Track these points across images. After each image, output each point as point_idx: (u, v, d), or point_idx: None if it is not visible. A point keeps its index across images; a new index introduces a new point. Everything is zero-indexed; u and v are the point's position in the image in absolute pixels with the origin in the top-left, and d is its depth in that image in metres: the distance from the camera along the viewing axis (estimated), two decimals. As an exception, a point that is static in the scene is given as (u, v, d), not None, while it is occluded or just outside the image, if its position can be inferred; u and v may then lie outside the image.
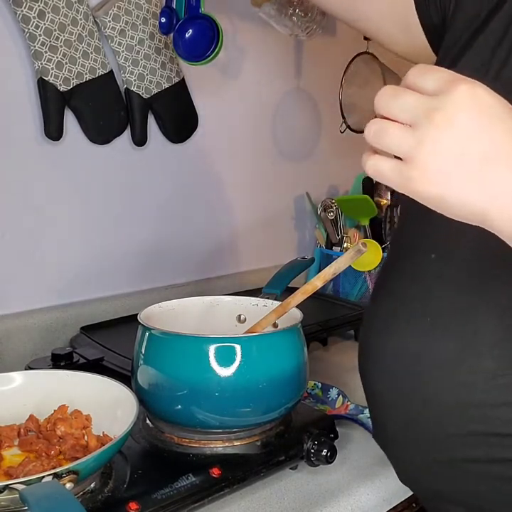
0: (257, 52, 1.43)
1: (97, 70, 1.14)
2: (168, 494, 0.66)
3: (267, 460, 0.75)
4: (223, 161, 1.42)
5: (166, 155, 1.31)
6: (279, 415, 0.77)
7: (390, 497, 0.79)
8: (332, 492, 0.75)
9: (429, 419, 0.66)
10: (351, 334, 1.27)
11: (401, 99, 0.48)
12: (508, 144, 0.46)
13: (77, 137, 1.16)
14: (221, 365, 0.72)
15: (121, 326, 1.16)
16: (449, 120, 0.46)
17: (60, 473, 0.57)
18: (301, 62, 1.54)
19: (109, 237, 1.24)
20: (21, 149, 1.10)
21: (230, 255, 1.45)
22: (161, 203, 1.32)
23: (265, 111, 1.49)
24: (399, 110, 0.48)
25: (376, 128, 0.49)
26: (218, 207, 1.40)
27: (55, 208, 1.16)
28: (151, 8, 1.19)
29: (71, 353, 0.97)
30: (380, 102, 0.50)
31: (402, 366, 0.67)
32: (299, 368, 0.78)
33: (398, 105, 0.48)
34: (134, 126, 1.22)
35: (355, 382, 1.06)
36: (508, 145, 0.46)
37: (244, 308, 0.90)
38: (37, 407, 0.76)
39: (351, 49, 1.45)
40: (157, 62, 1.22)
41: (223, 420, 0.73)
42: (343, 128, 1.47)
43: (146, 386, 0.76)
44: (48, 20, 1.04)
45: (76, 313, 1.17)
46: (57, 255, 1.17)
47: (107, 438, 0.70)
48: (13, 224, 1.11)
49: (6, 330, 1.09)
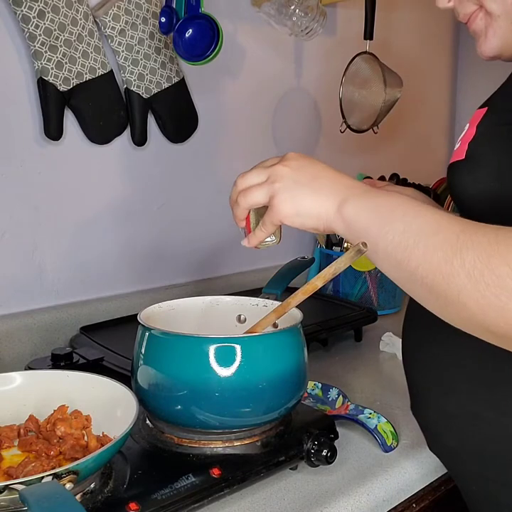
0: (257, 52, 1.43)
1: (97, 70, 1.14)
2: (168, 494, 0.66)
3: (267, 460, 0.75)
4: (223, 161, 1.41)
5: (166, 155, 1.31)
6: (279, 415, 0.77)
7: (390, 497, 0.79)
8: (332, 492, 0.75)
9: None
10: (351, 334, 1.27)
11: (249, 175, 0.70)
12: (327, 170, 0.67)
13: (77, 137, 1.16)
14: (221, 365, 0.71)
15: (121, 326, 1.16)
16: (283, 168, 0.67)
17: (59, 474, 0.57)
18: (301, 62, 1.54)
19: (109, 237, 1.24)
20: (21, 149, 1.10)
21: (230, 255, 1.45)
22: (161, 203, 1.32)
23: (265, 111, 1.49)
24: (251, 182, 0.70)
25: (240, 197, 0.70)
26: (218, 207, 1.40)
27: (55, 207, 1.16)
28: (151, 7, 1.19)
29: (71, 353, 0.97)
30: (238, 183, 0.71)
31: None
32: (299, 368, 0.78)
33: (248, 179, 0.70)
34: (134, 126, 1.22)
35: (355, 382, 1.06)
36: (329, 171, 0.67)
37: (244, 308, 0.90)
38: (37, 407, 0.76)
39: (351, 49, 1.45)
40: (157, 62, 1.22)
41: (223, 420, 0.73)
42: (343, 128, 1.47)
43: (146, 386, 0.76)
44: (48, 20, 1.04)
45: (76, 314, 1.17)
46: (57, 255, 1.17)
47: (106, 438, 0.70)
48: (13, 224, 1.11)
49: (6, 330, 1.09)
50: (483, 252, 0.51)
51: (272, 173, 0.68)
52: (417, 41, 1.85)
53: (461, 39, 2.01)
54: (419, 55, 1.87)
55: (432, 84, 1.96)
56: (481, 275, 0.51)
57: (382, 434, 0.85)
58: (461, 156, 0.69)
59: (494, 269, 0.50)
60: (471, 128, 0.70)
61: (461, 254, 0.52)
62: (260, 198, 0.68)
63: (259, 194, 0.68)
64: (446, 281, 0.53)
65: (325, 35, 1.52)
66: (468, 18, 0.72)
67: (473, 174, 0.67)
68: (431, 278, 0.54)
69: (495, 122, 0.68)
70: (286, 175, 0.67)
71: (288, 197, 0.66)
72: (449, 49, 2.01)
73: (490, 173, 0.65)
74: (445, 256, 0.53)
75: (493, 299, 0.50)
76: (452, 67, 2.03)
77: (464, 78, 2.03)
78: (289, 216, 0.67)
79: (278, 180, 0.67)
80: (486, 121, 0.68)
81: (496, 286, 0.50)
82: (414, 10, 1.80)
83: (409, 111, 1.78)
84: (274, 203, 0.67)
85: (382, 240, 0.59)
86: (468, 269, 0.51)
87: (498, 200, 0.64)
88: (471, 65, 1.99)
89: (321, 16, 1.32)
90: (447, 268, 0.53)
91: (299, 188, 0.66)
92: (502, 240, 0.51)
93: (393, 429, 0.86)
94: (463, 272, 0.52)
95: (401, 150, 1.84)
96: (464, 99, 2.03)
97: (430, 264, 0.54)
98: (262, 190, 0.68)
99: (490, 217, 0.65)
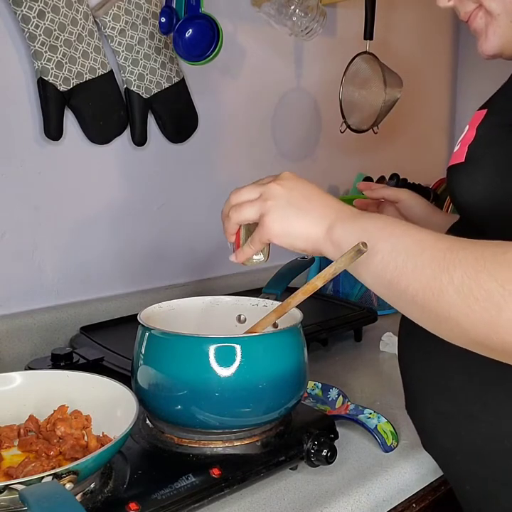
0: (257, 52, 1.43)
1: (97, 70, 1.14)
2: (168, 494, 0.66)
3: (267, 460, 0.75)
4: (223, 161, 1.42)
5: (166, 155, 1.31)
6: (279, 415, 0.77)
7: (390, 497, 0.79)
8: (332, 492, 0.75)
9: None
10: (351, 334, 1.27)
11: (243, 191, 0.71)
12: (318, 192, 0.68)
13: (77, 137, 1.16)
14: (221, 365, 0.71)
15: (121, 326, 1.16)
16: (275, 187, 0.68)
17: (59, 474, 0.57)
18: (301, 62, 1.54)
19: (109, 237, 1.24)
20: (21, 149, 1.10)
21: (230, 255, 1.45)
22: (161, 203, 1.32)
23: (265, 111, 1.49)
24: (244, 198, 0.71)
25: (232, 212, 0.71)
26: (218, 207, 1.39)
27: (55, 207, 1.16)
28: (151, 7, 1.19)
29: (71, 353, 0.97)
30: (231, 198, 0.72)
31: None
32: (299, 368, 0.78)
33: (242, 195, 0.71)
34: (134, 126, 1.22)
35: (355, 382, 1.06)
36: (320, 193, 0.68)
37: (244, 308, 0.90)
38: (37, 407, 0.76)
39: (351, 49, 1.45)
40: (157, 62, 1.22)
41: (223, 420, 0.73)
42: (343, 128, 1.47)
43: (146, 386, 0.76)
44: (48, 20, 1.04)
45: (76, 314, 1.17)
46: (57, 255, 1.17)
47: (106, 438, 0.70)
48: (13, 224, 1.11)
49: (6, 330, 1.09)
50: (470, 268, 0.52)
51: (265, 190, 0.68)
52: (417, 41, 1.85)
53: (461, 39, 2.01)
54: (419, 55, 1.87)
55: (432, 84, 1.96)
56: (469, 290, 0.51)
57: (382, 434, 0.85)
58: (461, 158, 0.69)
59: (482, 284, 0.51)
60: (471, 130, 0.69)
61: (449, 270, 0.53)
62: (251, 214, 0.69)
63: (250, 210, 0.69)
64: (436, 297, 0.54)
65: (325, 35, 1.52)
66: (468, 16, 0.72)
67: (473, 177, 0.67)
68: (421, 296, 0.55)
69: (495, 124, 0.67)
70: (278, 194, 0.67)
71: (278, 216, 0.67)
72: (449, 49, 2.01)
73: (490, 176, 0.65)
74: (433, 273, 0.54)
75: (483, 313, 0.51)
76: (452, 67, 2.03)
77: (464, 78, 2.03)
78: (278, 236, 0.68)
79: (270, 199, 0.68)
80: (486, 123, 0.68)
81: (485, 300, 0.50)
82: (414, 10, 1.80)
83: (409, 111, 1.78)
84: (265, 221, 0.68)
85: (371, 260, 0.60)
86: (457, 285, 0.52)
87: (498, 203, 0.64)
88: (471, 65, 1.99)
89: (321, 16, 1.32)
90: (436, 285, 0.54)
91: (290, 209, 0.66)
92: (488, 255, 0.52)
93: (393, 429, 0.86)
94: (452, 288, 0.52)
95: (401, 150, 1.84)
96: (464, 99, 2.04)
97: (420, 282, 0.55)
98: (254, 206, 0.69)
99: (489, 221, 0.64)
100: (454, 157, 0.70)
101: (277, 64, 1.49)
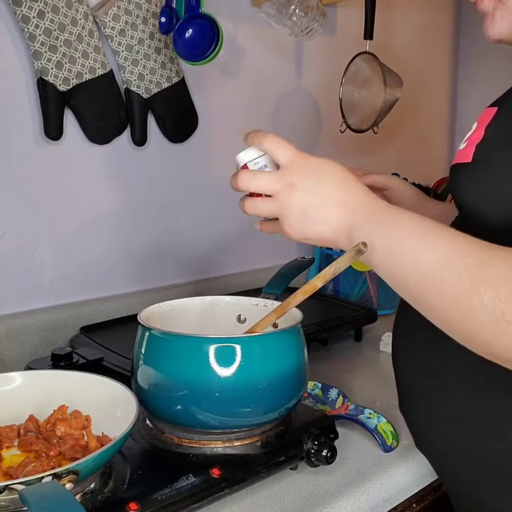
0: (257, 52, 1.43)
1: (97, 70, 1.14)
2: (168, 494, 0.66)
3: (267, 460, 0.75)
4: (223, 161, 1.41)
5: (166, 155, 1.31)
6: (279, 415, 0.77)
7: (390, 497, 0.79)
8: (332, 492, 0.75)
9: None
10: (351, 334, 1.27)
11: (257, 181, 0.69)
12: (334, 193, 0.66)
13: (77, 137, 1.16)
14: (221, 365, 0.71)
15: (121, 326, 1.15)
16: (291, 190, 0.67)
17: (59, 474, 0.57)
18: (301, 62, 1.54)
19: (109, 237, 1.24)
20: (21, 149, 1.10)
21: (230, 255, 1.45)
22: (161, 203, 1.32)
23: (265, 111, 1.48)
24: (256, 189, 0.69)
25: (248, 203, 0.70)
26: (218, 207, 1.40)
27: (55, 207, 1.16)
28: (151, 7, 1.19)
29: (71, 353, 0.97)
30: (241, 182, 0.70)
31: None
32: (299, 368, 0.78)
33: (255, 185, 0.69)
34: (133, 126, 1.22)
35: (355, 382, 1.06)
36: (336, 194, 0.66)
37: (244, 308, 0.90)
38: (37, 407, 0.76)
39: (351, 49, 1.45)
40: (157, 62, 1.22)
41: (223, 420, 0.73)
42: (343, 128, 1.47)
43: (146, 386, 0.76)
44: (48, 20, 1.04)
45: (76, 314, 1.17)
46: (57, 255, 1.17)
47: (106, 438, 0.70)
48: (13, 224, 1.11)
49: (6, 330, 1.09)
50: (501, 291, 0.51)
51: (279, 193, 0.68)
52: (417, 41, 1.85)
53: (461, 39, 2.01)
54: (419, 55, 1.87)
55: (432, 84, 1.96)
56: (502, 314, 0.51)
57: (382, 434, 0.85)
58: (468, 158, 0.66)
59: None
60: (479, 129, 0.67)
61: (479, 290, 0.52)
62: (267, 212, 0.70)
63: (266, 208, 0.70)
64: (466, 317, 0.53)
65: (325, 35, 1.52)
66: None
67: (480, 178, 0.65)
68: (450, 314, 0.55)
69: (505, 123, 0.65)
70: (292, 205, 0.67)
71: (294, 225, 0.68)
72: (449, 49, 2.01)
73: (498, 178, 0.63)
74: (463, 292, 0.53)
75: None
76: (452, 67, 2.03)
77: (464, 78, 2.03)
78: (297, 240, 0.69)
79: (285, 206, 0.67)
80: (496, 123, 0.66)
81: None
82: (414, 10, 1.80)
83: (409, 111, 1.78)
84: (283, 224, 0.68)
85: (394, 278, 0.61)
86: (487, 305, 0.51)
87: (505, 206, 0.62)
88: (472, 65, 1.99)
89: (321, 15, 1.32)
90: (466, 303, 0.53)
91: (305, 220, 0.67)
92: None
93: (393, 429, 0.86)
94: (482, 310, 0.52)
95: (401, 150, 1.83)
96: (464, 99, 2.03)
97: (447, 299, 0.55)
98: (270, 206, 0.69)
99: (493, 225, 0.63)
100: (460, 155, 0.69)
101: (277, 64, 1.49)
